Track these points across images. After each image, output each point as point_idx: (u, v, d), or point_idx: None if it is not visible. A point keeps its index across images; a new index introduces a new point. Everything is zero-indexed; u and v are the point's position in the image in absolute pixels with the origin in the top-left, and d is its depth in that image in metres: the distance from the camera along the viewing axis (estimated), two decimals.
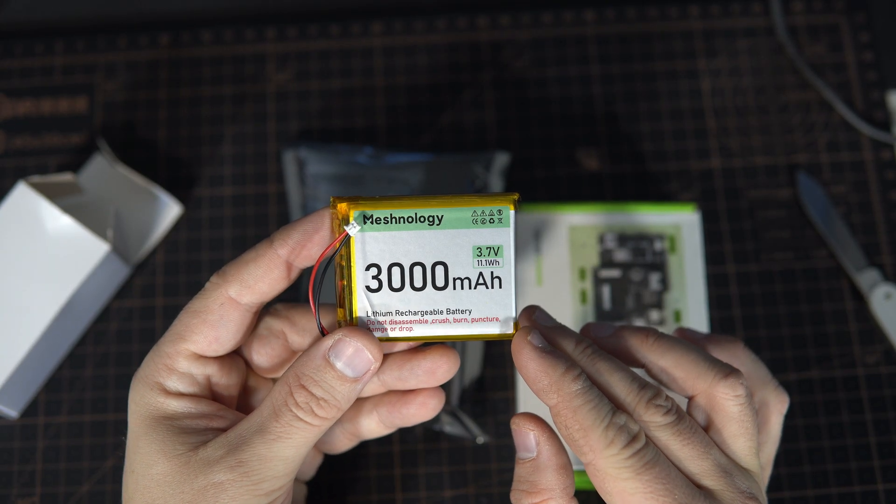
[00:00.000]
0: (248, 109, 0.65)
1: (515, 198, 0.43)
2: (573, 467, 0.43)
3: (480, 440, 0.58)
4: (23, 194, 0.57)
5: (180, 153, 0.64)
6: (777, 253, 0.61)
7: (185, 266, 0.61)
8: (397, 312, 0.43)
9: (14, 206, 0.57)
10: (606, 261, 0.60)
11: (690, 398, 0.44)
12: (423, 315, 0.43)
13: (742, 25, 0.66)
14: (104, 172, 0.62)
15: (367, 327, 0.43)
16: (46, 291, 0.57)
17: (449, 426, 0.57)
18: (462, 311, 0.43)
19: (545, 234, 0.60)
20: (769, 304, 0.60)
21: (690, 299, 0.59)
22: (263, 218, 0.62)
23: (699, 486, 0.42)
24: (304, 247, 0.44)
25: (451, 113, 0.65)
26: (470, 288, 0.43)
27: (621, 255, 0.60)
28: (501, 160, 0.62)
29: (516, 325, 0.43)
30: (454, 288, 0.43)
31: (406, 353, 0.46)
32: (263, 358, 0.47)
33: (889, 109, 0.65)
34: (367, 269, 0.43)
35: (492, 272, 0.43)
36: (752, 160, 0.63)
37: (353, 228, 0.43)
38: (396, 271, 0.43)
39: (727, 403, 0.43)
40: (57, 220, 0.57)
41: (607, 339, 0.45)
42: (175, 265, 0.61)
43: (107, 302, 0.60)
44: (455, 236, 0.43)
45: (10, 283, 0.57)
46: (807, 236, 0.62)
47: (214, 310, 0.44)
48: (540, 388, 0.42)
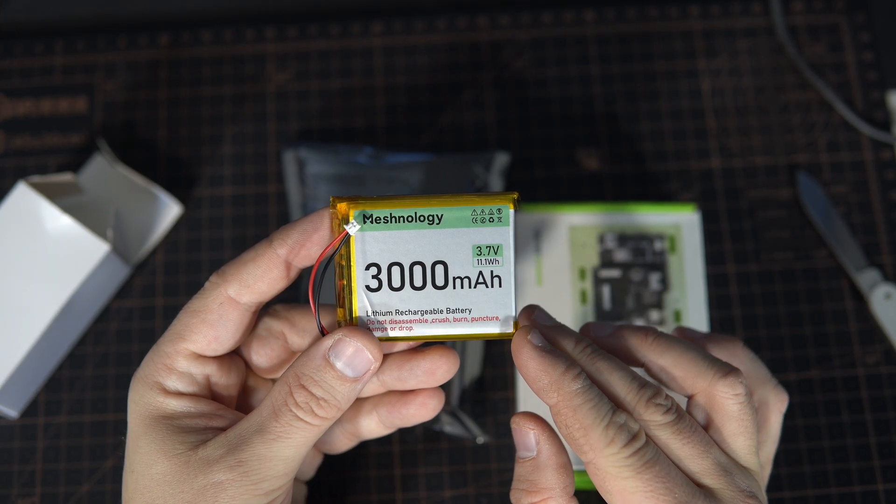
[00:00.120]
0: (248, 109, 0.65)
1: (515, 197, 0.43)
2: (573, 467, 0.43)
3: (480, 440, 0.57)
4: (23, 194, 0.57)
5: (180, 153, 0.64)
6: (777, 253, 0.61)
7: (185, 266, 0.61)
8: (397, 312, 0.43)
9: (14, 206, 0.57)
10: (606, 261, 0.60)
11: (690, 397, 0.44)
12: (422, 314, 0.43)
13: (742, 25, 0.66)
14: (104, 172, 0.62)
15: (367, 327, 0.43)
16: (46, 291, 0.57)
17: (449, 426, 0.57)
18: (462, 311, 0.43)
19: (545, 234, 0.60)
20: (769, 304, 0.60)
21: (690, 299, 0.59)
22: (263, 218, 0.62)
23: (699, 485, 0.42)
24: (304, 246, 0.44)
25: (451, 113, 0.65)
26: (470, 287, 0.43)
27: (621, 255, 0.60)
28: (501, 160, 0.62)
29: (516, 325, 0.43)
30: (454, 287, 0.43)
31: (405, 353, 0.46)
32: (263, 358, 0.47)
33: (889, 109, 0.65)
34: (367, 268, 0.43)
35: (491, 271, 0.43)
36: (752, 160, 0.63)
37: (353, 228, 0.42)
38: (396, 271, 0.43)
39: (727, 402, 0.43)
40: (57, 220, 0.57)
41: (607, 339, 0.45)
42: (175, 265, 0.61)
43: (107, 302, 0.60)
44: (455, 235, 0.43)
45: (10, 283, 0.57)
46: (807, 236, 0.62)
47: (214, 309, 0.44)
48: (540, 387, 0.42)
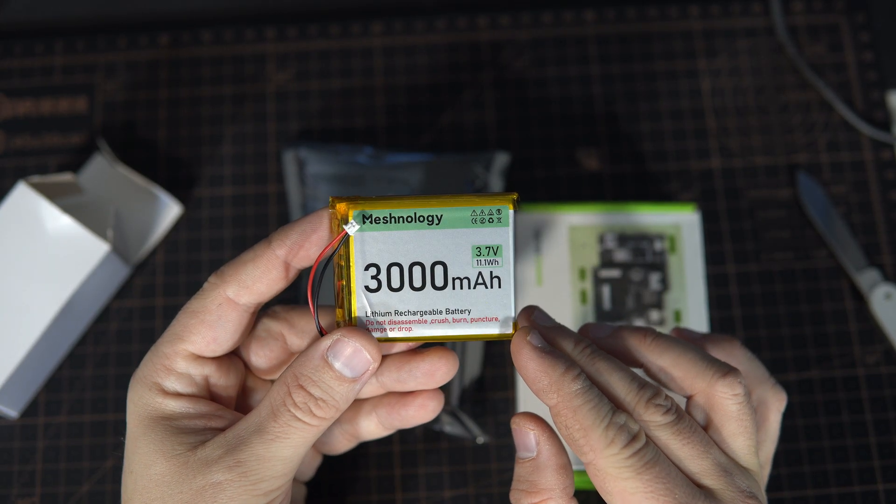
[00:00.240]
0: (248, 109, 0.65)
1: (514, 197, 0.43)
2: (573, 467, 0.43)
3: (480, 440, 0.57)
4: (23, 194, 0.57)
5: (180, 153, 0.64)
6: (777, 253, 0.61)
7: (185, 266, 0.61)
8: (396, 312, 0.43)
9: (14, 206, 0.57)
10: (606, 261, 0.60)
11: (689, 397, 0.44)
12: (422, 315, 0.43)
13: (742, 25, 0.66)
14: (104, 172, 0.62)
15: (366, 327, 0.43)
16: (46, 291, 0.57)
17: (449, 426, 0.57)
18: (461, 311, 0.43)
19: (545, 234, 0.60)
20: (769, 304, 0.60)
21: (690, 299, 0.59)
22: (263, 218, 0.62)
23: (699, 486, 0.42)
24: (303, 247, 0.44)
25: (451, 113, 0.65)
26: (469, 288, 0.43)
27: (621, 255, 0.60)
28: (501, 160, 0.62)
29: (515, 326, 0.43)
30: (453, 288, 0.43)
31: (405, 354, 0.46)
32: (262, 360, 0.47)
33: (889, 109, 0.65)
34: (366, 268, 0.43)
35: (491, 272, 0.43)
36: (752, 160, 0.63)
37: (352, 228, 0.42)
38: (395, 271, 0.43)
39: (726, 402, 0.43)
40: (57, 220, 0.57)
41: (605, 340, 0.45)
42: (175, 265, 0.61)
43: (107, 302, 0.60)
44: (454, 236, 0.43)
45: (10, 283, 0.57)
46: (807, 236, 0.62)
47: (212, 310, 0.44)
48: (540, 388, 0.41)
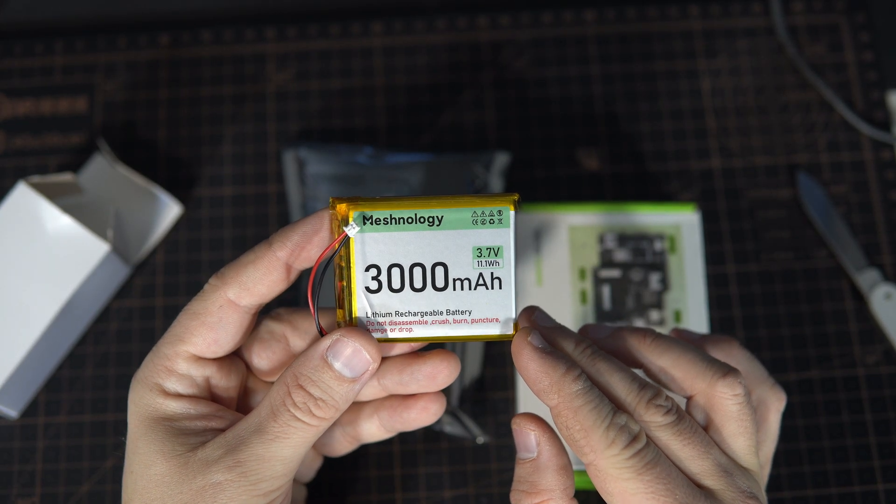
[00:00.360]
0: (248, 109, 0.65)
1: (515, 198, 0.43)
2: (573, 467, 0.43)
3: (480, 440, 0.57)
4: (23, 194, 0.57)
5: (180, 153, 0.64)
6: (777, 253, 0.61)
7: (185, 266, 0.61)
8: (397, 313, 0.43)
9: (14, 206, 0.57)
10: (606, 261, 0.60)
11: (689, 398, 0.44)
12: (422, 316, 0.43)
13: (742, 25, 0.66)
14: (104, 172, 0.62)
15: (366, 328, 0.43)
16: (46, 291, 0.57)
17: (449, 426, 0.57)
18: (462, 312, 0.43)
19: (545, 235, 0.60)
20: (769, 304, 0.60)
21: (690, 299, 0.59)
22: (263, 218, 0.62)
23: (700, 486, 0.42)
24: (303, 248, 0.44)
25: (451, 113, 0.65)
26: (470, 289, 0.43)
27: (621, 255, 0.60)
28: (501, 160, 0.62)
29: (516, 326, 0.43)
30: (454, 289, 0.43)
31: (406, 357, 0.46)
32: (264, 361, 0.47)
33: (889, 109, 0.65)
34: (367, 269, 0.43)
35: (492, 273, 0.43)
36: (752, 160, 0.63)
37: (353, 229, 0.42)
38: (396, 272, 0.43)
39: (726, 402, 0.43)
40: (57, 220, 0.57)
41: (605, 340, 0.45)
42: (175, 265, 0.61)
43: (107, 302, 0.60)
44: (455, 237, 0.43)
45: (10, 283, 0.57)
46: (807, 236, 0.62)
47: (213, 312, 0.44)
48: (540, 388, 0.41)
